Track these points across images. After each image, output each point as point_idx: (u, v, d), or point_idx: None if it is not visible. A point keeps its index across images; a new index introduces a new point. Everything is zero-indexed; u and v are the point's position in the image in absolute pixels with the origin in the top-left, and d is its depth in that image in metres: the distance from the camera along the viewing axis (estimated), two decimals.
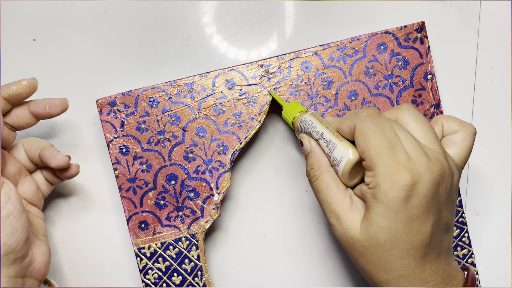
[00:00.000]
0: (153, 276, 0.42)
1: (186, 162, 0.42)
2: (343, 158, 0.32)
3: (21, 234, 0.34)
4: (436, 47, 0.45)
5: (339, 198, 0.32)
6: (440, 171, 0.30)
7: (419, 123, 0.32)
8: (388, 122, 0.31)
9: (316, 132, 0.34)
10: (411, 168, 0.29)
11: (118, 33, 0.45)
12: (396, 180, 0.29)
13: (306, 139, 0.35)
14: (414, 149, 0.30)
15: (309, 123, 0.35)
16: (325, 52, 0.42)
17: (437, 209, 0.30)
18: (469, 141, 0.34)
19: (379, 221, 0.29)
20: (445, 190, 0.30)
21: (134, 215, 0.42)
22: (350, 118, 0.32)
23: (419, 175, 0.29)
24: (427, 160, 0.30)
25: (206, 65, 0.45)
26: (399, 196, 0.29)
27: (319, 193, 0.33)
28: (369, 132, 0.30)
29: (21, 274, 0.35)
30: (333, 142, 0.33)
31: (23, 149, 0.39)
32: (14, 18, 0.44)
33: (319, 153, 0.34)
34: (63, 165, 0.37)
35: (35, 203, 0.39)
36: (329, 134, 0.33)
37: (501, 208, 0.45)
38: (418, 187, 0.29)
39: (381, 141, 0.30)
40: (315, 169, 0.34)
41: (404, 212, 0.29)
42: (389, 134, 0.30)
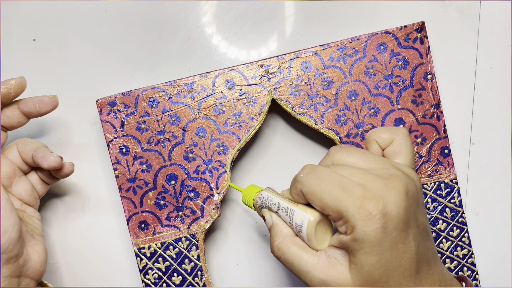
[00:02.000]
0: (153, 276, 0.42)
1: (186, 162, 0.42)
2: (303, 221, 0.31)
3: (12, 234, 0.33)
4: (436, 47, 0.45)
5: (314, 262, 0.31)
6: (400, 183, 0.29)
7: (353, 154, 0.32)
8: (326, 169, 0.30)
9: (273, 204, 0.33)
10: (372, 196, 0.28)
11: (118, 33, 0.45)
12: (365, 214, 0.28)
13: (268, 213, 0.34)
14: (365, 177, 0.29)
15: (265, 198, 0.34)
16: (325, 52, 0.42)
17: (413, 219, 0.30)
18: (407, 144, 0.33)
19: (369, 259, 0.29)
20: (413, 198, 0.30)
21: (134, 215, 0.42)
22: (294, 185, 0.32)
23: (383, 198, 0.28)
24: (383, 180, 0.29)
25: (206, 65, 0.45)
26: (377, 227, 0.28)
27: (292, 266, 0.32)
28: (316, 188, 0.30)
29: (16, 273, 0.35)
30: (291, 208, 0.32)
31: (16, 150, 0.39)
32: (14, 18, 0.44)
33: (281, 224, 0.33)
34: (55, 166, 0.37)
35: (30, 203, 0.39)
36: (285, 203, 0.33)
37: (501, 208, 0.45)
38: (389, 209, 0.28)
39: (330, 188, 0.29)
40: (277, 241, 0.32)
41: (387, 240, 0.28)
42: (334, 178, 0.29)
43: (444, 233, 0.42)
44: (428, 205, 0.42)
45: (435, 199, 0.42)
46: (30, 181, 0.40)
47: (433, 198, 0.42)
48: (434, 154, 0.42)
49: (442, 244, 0.42)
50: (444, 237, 0.42)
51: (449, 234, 0.42)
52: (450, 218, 0.42)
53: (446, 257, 0.42)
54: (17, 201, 0.39)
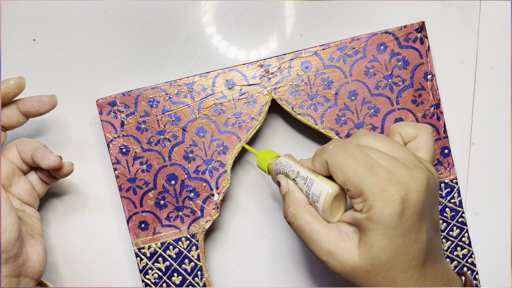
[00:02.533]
0: (153, 276, 0.42)
1: (186, 162, 0.42)
2: (322, 192, 0.31)
3: (11, 233, 0.33)
4: (436, 47, 0.45)
5: (325, 232, 0.31)
6: (423, 175, 0.30)
7: (381, 140, 0.32)
8: (357, 147, 0.31)
9: (292, 171, 0.34)
10: (396, 181, 0.29)
11: (118, 33, 0.45)
12: (386, 196, 0.28)
13: (284, 179, 0.34)
14: (390, 163, 0.30)
15: (284, 164, 0.34)
16: (325, 52, 0.42)
17: (429, 213, 0.30)
18: (430, 142, 0.34)
19: (379, 241, 0.29)
20: (432, 192, 0.30)
21: (134, 215, 0.42)
22: (319, 155, 0.32)
23: (406, 185, 0.29)
24: (407, 169, 0.30)
25: (206, 65, 0.45)
26: (395, 211, 0.28)
27: (303, 233, 0.32)
28: (342, 162, 0.30)
29: (16, 273, 0.35)
30: (310, 178, 0.32)
31: (16, 150, 0.39)
32: (14, 18, 0.44)
33: (296, 192, 0.33)
34: (54, 165, 0.37)
35: (30, 203, 0.39)
36: (305, 171, 0.33)
37: (501, 208, 0.45)
38: (409, 197, 0.29)
39: (357, 165, 0.30)
40: (292, 208, 0.33)
41: (401, 226, 0.29)
42: (362, 156, 0.30)
43: (444, 233, 0.42)
44: None
45: None
46: (30, 181, 0.40)
47: None
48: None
49: (442, 244, 0.42)
50: (444, 237, 0.42)
51: (449, 234, 0.42)
52: (450, 218, 0.42)
53: (446, 257, 0.42)
54: (16, 201, 0.39)
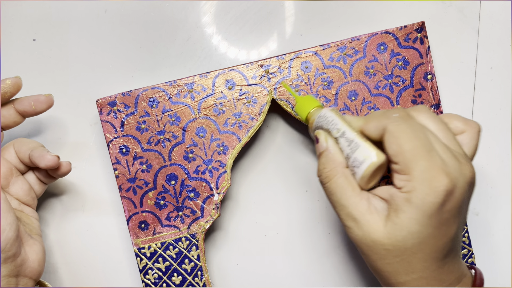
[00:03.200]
0: (153, 276, 0.42)
1: (186, 162, 0.42)
2: (365, 160, 0.30)
3: (9, 233, 0.33)
4: (436, 47, 0.45)
5: (355, 201, 0.31)
6: (471, 174, 0.29)
7: (438, 124, 0.31)
8: (421, 125, 0.30)
9: (337, 130, 0.32)
10: (448, 172, 0.28)
11: (118, 33, 0.45)
12: (435, 185, 0.28)
13: (323, 136, 0.33)
14: (445, 152, 0.29)
15: (329, 120, 0.33)
16: (325, 52, 0.42)
17: (464, 211, 0.30)
18: (476, 141, 0.33)
19: (411, 226, 0.28)
20: (471, 191, 0.30)
21: (134, 215, 0.42)
22: (378, 118, 0.31)
23: (456, 180, 0.28)
24: (459, 164, 0.29)
25: (206, 65, 0.45)
26: (437, 201, 0.28)
27: (333, 195, 0.32)
28: (403, 135, 0.29)
29: (14, 273, 0.35)
30: (356, 141, 0.31)
31: (13, 150, 0.38)
32: (14, 18, 0.44)
33: (335, 153, 0.32)
34: (52, 165, 0.37)
35: (28, 202, 0.39)
36: (352, 133, 0.31)
37: (501, 208, 0.45)
38: (455, 191, 0.28)
39: (417, 144, 0.29)
40: (328, 169, 0.32)
41: (437, 217, 0.28)
42: (423, 137, 0.29)
43: None
44: None
45: None
46: (28, 180, 0.39)
47: None
48: None
49: None
50: None
51: None
52: None
53: None
54: (14, 201, 0.39)
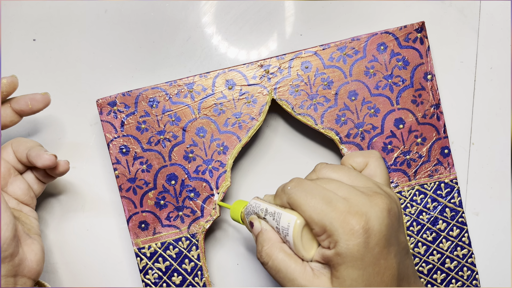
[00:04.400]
0: (153, 276, 0.42)
1: (186, 162, 0.42)
2: (290, 223, 0.31)
3: (6, 233, 0.33)
4: (436, 47, 0.45)
5: (301, 270, 0.31)
6: (383, 201, 0.30)
7: (338, 171, 0.33)
8: (313, 183, 0.31)
9: (261, 210, 0.34)
10: (355, 211, 0.29)
11: (118, 33, 0.45)
12: (348, 228, 0.29)
13: (257, 220, 0.34)
14: (349, 192, 0.30)
15: (253, 205, 0.34)
16: (325, 52, 0.42)
17: (395, 237, 0.30)
18: (382, 166, 0.34)
19: (351, 273, 0.29)
20: (395, 217, 0.30)
21: (134, 215, 0.42)
22: (280, 196, 0.32)
23: (366, 214, 0.29)
24: (366, 197, 0.30)
25: (206, 65, 0.45)
26: (359, 241, 0.28)
27: (278, 273, 0.32)
28: (301, 200, 0.30)
29: (12, 273, 0.34)
30: (278, 212, 0.32)
31: (11, 149, 0.38)
32: (14, 18, 0.44)
33: (269, 231, 0.33)
34: (49, 164, 0.37)
35: (27, 202, 0.39)
36: (272, 207, 0.33)
37: (501, 208, 0.45)
38: (371, 225, 0.29)
39: (315, 201, 0.30)
40: (266, 247, 0.32)
41: (369, 255, 0.29)
42: (318, 192, 0.30)
43: (444, 233, 0.42)
44: (428, 205, 0.42)
45: (435, 199, 0.42)
46: (26, 180, 0.39)
47: (433, 198, 0.42)
48: (434, 154, 0.42)
49: (442, 244, 0.42)
50: (444, 237, 0.42)
51: (449, 234, 0.42)
52: (450, 218, 0.42)
53: (446, 257, 0.42)
54: (13, 201, 0.38)
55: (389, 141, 0.42)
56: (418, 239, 0.42)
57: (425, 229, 0.42)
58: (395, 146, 0.42)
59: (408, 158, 0.42)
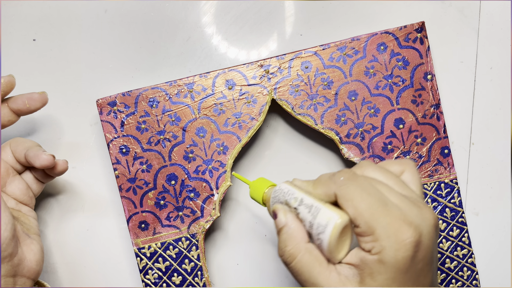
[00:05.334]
0: (153, 276, 0.42)
1: (186, 162, 0.42)
2: (329, 222, 0.28)
3: (5, 233, 0.33)
4: (436, 47, 0.45)
5: (325, 276, 0.28)
6: (432, 215, 0.28)
7: (386, 174, 0.30)
8: (369, 181, 0.29)
9: (294, 199, 0.30)
10: (411, 221, 0.27)
11: (118, 33, 0.45)
12: (402, 238, 0.26)
13: (282, 210, 0.31)
14: (402, 201, 0.28)
15: (285, 191, 0.31)
16: (325, 52, 0.42)
17: (436, 253, 0.29)
18: (417, 175, 0.31)
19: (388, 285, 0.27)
20: (437, 233, 0.29)
21: (134, 215, 0.42)
22: (326, 184, 0.29)
23: (420, 227, 0.27)
24: (418, 209, 0.28)
25: (206, 65, 0.45)
26: (408, 255, 0.26)
27: (300, 275, 0.29)
28: (355, 196, 0.28)
29: (11, 273, 0.34)
30: (316, 206, 0.29)
31: (9, 150, 0.38)
32: (14, 18, 0.44)
33: (295, 228, 0.30)
34: (47, 164, 0.37)
35: (26, 202, 0.39)
36: (310, 198, 0.29)
37: (501, 208, 0.45)
38: (422, 240, 0.27)
39: (371, 201, 0.27)
40: (290, 247, 0.29)
41: (412, 270, 0.27)
42: (375, 192, 0.28)
43: (444, 233, 0.42)
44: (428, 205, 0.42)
45: (435, 199, 0.42)
46: (25, 180, 0.39)
47: (433, 198, 0.42)
48: (434, 154, 0.42)
49: (442, 244, 0.42)
50: (444, 237, 0.42)
51: (449, 234, 0.42)
52: (450, 218, 0.42)
53: (446, 257, 0.42)
54: (11, 201, 0.38)
55: (389, 141, 0.42)
56: None
57: None
58: (395, 146, 0.42)
59: (408, 158, 0.42)
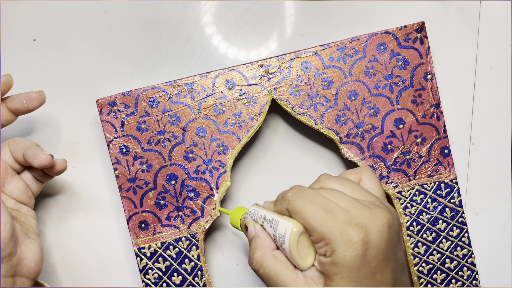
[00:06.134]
0: (153, 276, 0.42)
1: (186, 162, 0.42)
2: (286, 231, 0.31)
3: (4, 233, 0.33)
4: (436, 47, 0.45)
5: (292, 278, 0.30)
6: (385, 215, 0.30)
7: (342, 183, 0.32)
8: (314, 191, 0.31)
9: (259, 217, 0.33)
10: (356, 223, 0.29)
11: (118, 33, 0.45)
12: (349, 238, 0.28)
13: (251, 223, 0.34)
14: (352, 204, 0.30)
15: (252, 212, 0.34)
16: (325, 52, 0.42)
17: (393, 253, 0.30)
18: (375, 180, 0.34)
19: (345, 284, 0.29)
20: (395, 232, 0.30)
21: (134, 215, 0.42)
22: (280, 203, 0.32)
23: (367, 227, 0.29)
24: (368, 210, 0.30)
25: (206, 65, 0.45)
26: (358, 253, 0.28)
27: (269, 280, 0.31)
28: (301, 208, 0.30)
29: (10, 273, 0.34)
30: (275, 219, 0.32)
31: (8, 149, 0.38)
32: (14, 18, 0.44)
33: (263, 237, 0.32)
34: (46, 164, 0.37)
35: (25, 201, 0.39)
36: (270, 214, 0.32)
37: (501, 208, 0.45)
38: (371, 238, 0.29)
39: (315, 209, 0.30)
40: (257, 254, 0.32)
41: (366, 268, 0.29)
42: (319, 201, 0.30)
43: (444, 233, 0.42)
44: (428, 205, 0.42)
45: (435, 199, 0.42)
46: (24, 180, 0.39)
47: (433, 198, 0.42)
48: (434, 154, 0.42)
49: (442, 244, 0.42)
50: (444, 237, 0.42)
51: (449, 234, 0.42)
52: (450, 218, 0.42)
53: (446, 257, 0.43)
54: (10, 200, 0.38)
55: (389, 141, 0.42)
56: (418, 239, 0.42)
57: (425, 229, 0.42)
58: (395, 146, 0.42)
59: (408, 158, 0.42)
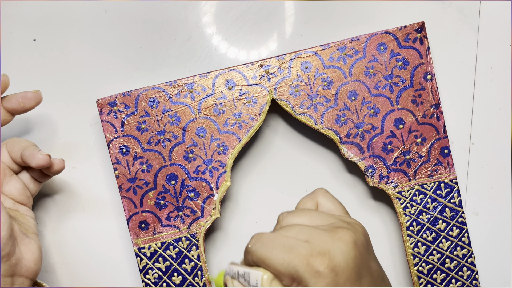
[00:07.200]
0: (153, 276, 0.42)
1: (186, 162, 0.42)
2: (257, 281, 0.30)
3: (2, 232, 0.33)
4: (436, 47, 0.45)
5: None
6: (346, 234, 0.29)
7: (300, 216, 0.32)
8: (272, 234, 0.31)
9: (234, 274, 0.33)
10: (318, 252, 0.28)
11: (118, 33, 0.45)
12: (314, 270, 0.28)
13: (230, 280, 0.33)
14: (311, 234, 0.30)
15: (228, 271, 0.34)
16: (325, 52, 0.42)
17: (366, 268, 0.30)
18: (331, 199, 0.34)
19: None
20: (363, 246, 0.30)
21: (134, 215, 0.42)
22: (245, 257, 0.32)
23: (329, 252, 0.28)
24: (329, 234, 0.29)
25: (206, 65, 0.45)
26: (328, 281, 0.28)
27: None
28: (262, 256, 0.30)
29: (9, 273, 0.34)
30: (247, 272, 0.32)
31: (5, 150, 0.38)
32: (14, 18, 0.44)
33: None
34: (43, 164, 0.37)
35: (23, 201, 0.39)
36: (242, 268, 0.33)
37: (501, 208, 0.45)
38: (337, 262, 0.28)
39: (277, 253, 0.29)
40: None
41: None
42: (278, 242, 0.30)
43: (444, 233, 0.42)
44: (428, 205, 0.42)
45: (435, 199, 0.42)
46: (22, 180, 0.39)
47: (433, 198, 0.42)
48: (434, 154, 0.42)
49: (442, 244, 0.42)
50: (444, 237, 0.42)
51: (449, 234, 0.43)
52: (450, 218, 0.42)
53: (446, 257, 0.43)
54: (9, 200, 0.38)
55: (389, 141, 0.42)
56: (418, 239, 0.42)
57: (425, 229, 0.42)
58: (395, 146, 0.42)
59: (408, 158, 0.42)
